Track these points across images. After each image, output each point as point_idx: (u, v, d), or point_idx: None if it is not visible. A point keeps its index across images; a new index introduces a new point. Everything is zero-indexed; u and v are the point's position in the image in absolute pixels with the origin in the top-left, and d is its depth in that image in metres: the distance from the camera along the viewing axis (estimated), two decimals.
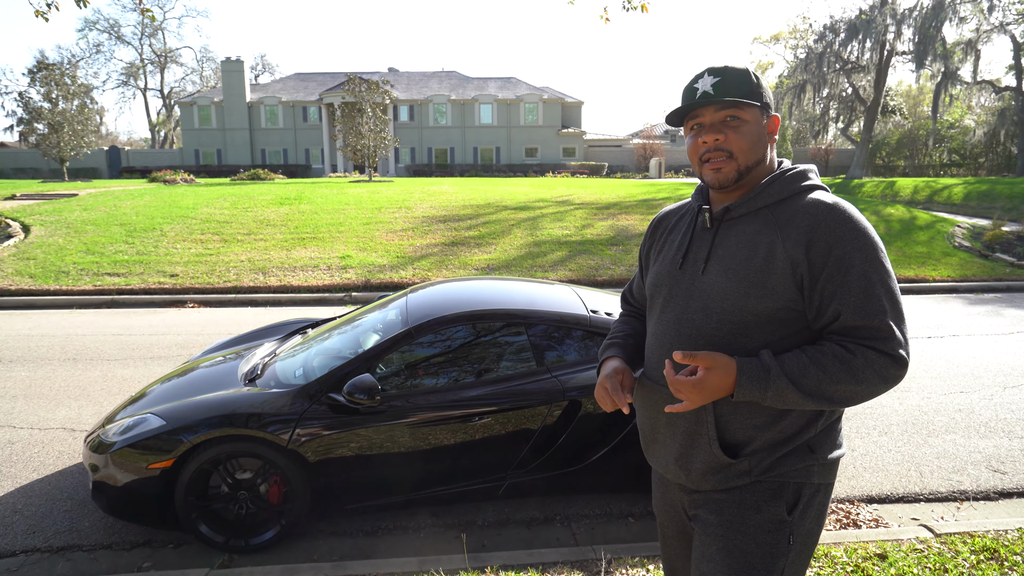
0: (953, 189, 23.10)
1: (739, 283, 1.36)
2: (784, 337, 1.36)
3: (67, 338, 7.31)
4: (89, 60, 58.88)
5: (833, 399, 1.30)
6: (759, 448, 1.39)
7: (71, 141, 28.77)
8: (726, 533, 1.41)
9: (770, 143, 1.45)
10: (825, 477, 1.43)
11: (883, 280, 1.30)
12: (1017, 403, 5.22)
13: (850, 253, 1.30)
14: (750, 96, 1.39)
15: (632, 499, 3.74)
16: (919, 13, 29.83)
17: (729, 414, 1.40)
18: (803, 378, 1.29)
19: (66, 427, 4.73)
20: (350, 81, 28.79)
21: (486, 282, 4.38)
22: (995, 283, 10.81)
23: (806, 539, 1.43)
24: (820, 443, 1.41)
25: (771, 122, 1.43)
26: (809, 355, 1.30)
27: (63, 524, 3.48)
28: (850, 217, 1.33)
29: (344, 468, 3.26)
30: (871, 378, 1.28)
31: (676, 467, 1.49)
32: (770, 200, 1.41)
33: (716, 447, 1.40)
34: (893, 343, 1.28)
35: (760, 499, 1.40)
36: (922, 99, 50.55)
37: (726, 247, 1.42)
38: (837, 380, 1.28)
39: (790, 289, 1.33)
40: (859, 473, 4.10)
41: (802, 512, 1.41)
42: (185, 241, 12.43)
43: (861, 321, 1.29)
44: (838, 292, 1.30)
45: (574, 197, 17.95)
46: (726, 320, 1.38)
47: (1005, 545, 3.06)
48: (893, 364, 1.28)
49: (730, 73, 1.40)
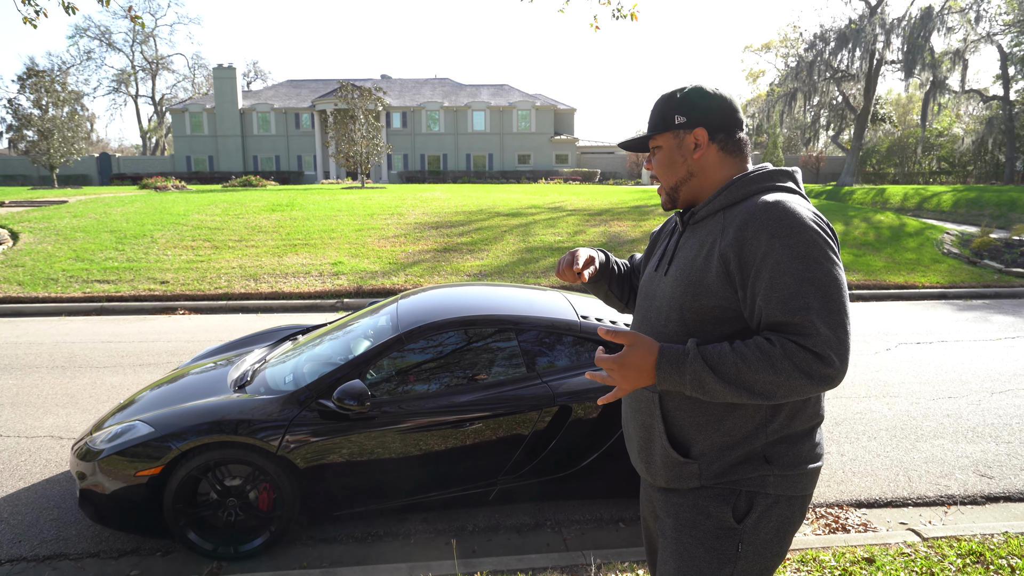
0: (942, 196, 23.32)
1: (681, 282, 1.44)
2: (725, 336, 1.38)
3: (56, 345, 7.26)
4: (80, 67, 58.47)
5: (753, 389, 1.28)
6: (707, 450, 1.42)
7: (61, 148, 28.63)
8: (678, 536, 1.46)
9: (696, 155, 1.49)
10: (786, 489, 1.41)
11: (813, 277, 1.28)
12: (1004, 408, 5.26)
13: (777, 249, 1.30)
14: (659, 127, 1.52)
15: (622, 504, 3.75)
16: (908, 23, 30.21)
17: (674, 410, 1.46)
18: (721, 364, 1.29)
19: (53, 435, 4.69)
20: (343, 88, 28.81)
21: (477, 288, 4.39)
22: (983, 289, 10.91)
23: (761, 549, 1.42)
24: (779, 454, 1.41)
25: (695, 135, 1.49)
26: (733, 345, 1.31)
27: (50, 533, 3.45)
28: (786, 214, 1.32)
29: (334, 474, 3.25)
30: (789, 369, 1.25)
31: (640, 461, 1.57)
32: (726, 203, 1.46)
33: (666, 441, 1.46)
34: (815, 339, 1.25)
35: (710, 504, 1.43)
36: (911, 107, 51.09)
37: (684, 250, 1.51)
38: (755, 369, 1.27)
39: (724, 287, 1.37)
40: (848, 478, 4.12)
41: (756, 522, 1.41)
42: (176, 248, 12.38)
43: (783, 317, 1.28)
44: (763, 288, 1.31)
45: (566, 203, 18.01)
46: (672, 318, 1.45)
47: (991, 549, 3.09)
48: (816, 360, 1.25)
49: (655, 105, 1.55)
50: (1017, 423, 4.93)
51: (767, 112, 37.07)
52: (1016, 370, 6.28)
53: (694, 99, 1.48)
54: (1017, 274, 11.76)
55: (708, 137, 1.48)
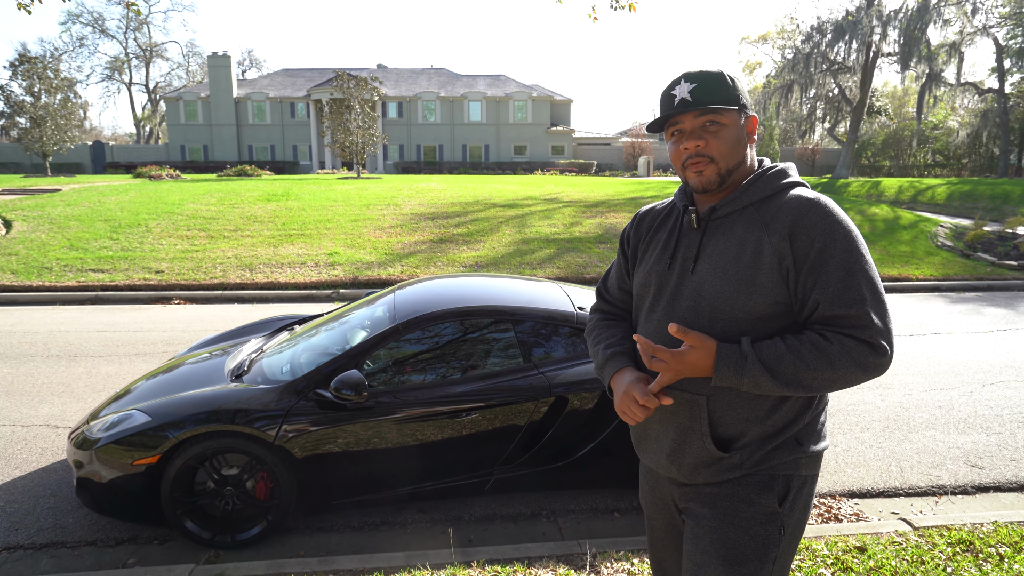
0: (936, 189, 23.39)
1: (729, 281, 1.39)
2: (773, 333, 1.39)
3: (50, 334, 7.24)
4: (72, 54, 58.12)
5: (811, 387, 1.32)
6: (750, 442, 1.43)
7: (54, 135, 28.42)
8: (719, 525, 1.45)
9: (749, 143, 1.47)
10: (811, 469, 1.47)
11: (863, 270, 1.33)
12: (995, 400, 5.31)
13: (830, 244, 1.34)
14: (727, 101, 1.41)
15: (618, 494, 3.78)
16: (904, 15, 30.16)
17: (723, 409, 1.43)
18: (779, 366, 1.32)
19: (49, 424, 4.69)
20: (338, 77, 28.64)
21: (474, 279, 4.39)
22: (976, 282, 10.97)
23: (795, 529, 1.47)
24: (807, 436, 1.45)
25: (749, 123, 1.46)
26: (787, 343, 1.33)
27: (46, 521, 3.46)
28: (831, 211, 1.37)
29: (331, 464, 3.26)
30: (847, 365, 1.30)
31: (668, 462, 1.52)
32: (754, 198, 1.44)
33: (709, 442, 1.43)
34: (871, 331, 1.30)
35: (752, 492, 1.43)
36: (907, 100, 51.11)
37: (715, 246, 1.45)
38: (813, 367, 1.30)
39: (778, 284, 1.37)
40: (841, 468, 4.16)
41: (791, 503, 1.45)
42: (171, 237, 12.32)
43: (840, 310, 1.32)
44: (819, 282, 1.33)
45: (562, 195, 17.99)
46: (718, 318, 1.40)
47: (980, 538, 3.13)
48: (871, 352, 1.30)
49: (706, 78, 1.41)
50: (1008, 414, 4.98)
51: (763, 104, 37.02)
52: (1007, 362, 6.33)
53: (742, 86, 1.47)
54: (1010, 267, 11.83)
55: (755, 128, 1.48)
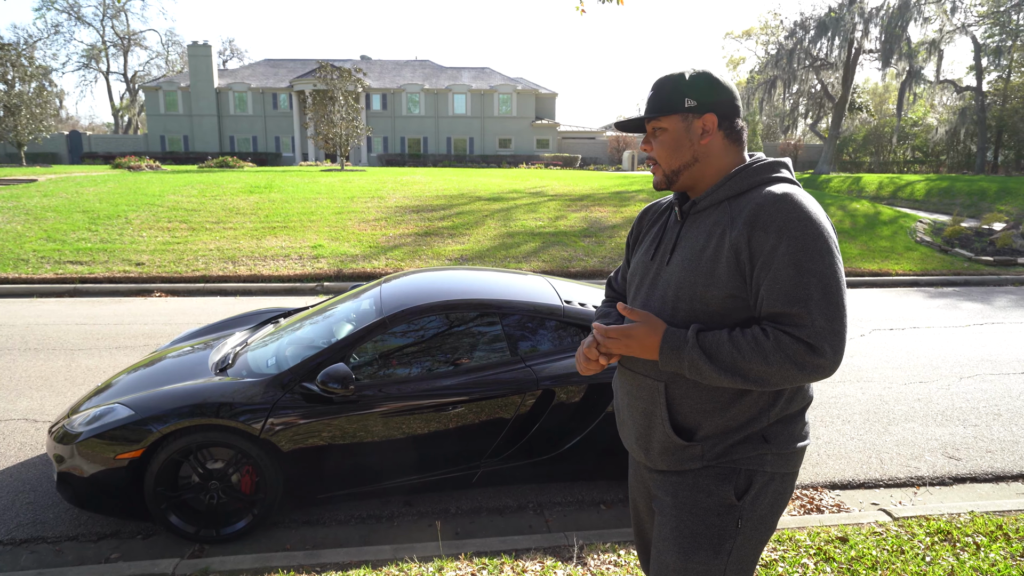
0: (916, 185, 23.72)
1: (691, 272, 1.44)
2: (733, 325, 1.41)
3: (28, 327, 7.11)
4: (47, 41, 56.89)
5: (747, 378, 1.34)
6: (710, 434, 1.46)
7: (29, 125, 27.86)
8: (678, 514, 1.49)
9: (704, 140, 1.48)
10: (781, 467, 1.47)
11: (816, 270, 1.31)
12: (972, 393, 5.42)
13: (784, 241, 1.33)
14: (667, 108, 1.48)
15: (604, 487, 3.81)
16: (886, 12, 30.47)
17: (681, 397, 1.48)
18: (718, 353, 1.35)
19: (28, 418, 4.61)
20: (322, 68, 28.30)
21: (460, 272, 4.38)
22: (954, 277, 11.16)
23: (758, 524, 1.49)
24: (776, 433, 1.46)
25: (704, 121, 1.47)
26: (731, 334, 1.36)
27: (26, 516, 3.41)
28: (795, 207, 1.35)
29: (317, 457, 3.25)
30: (781, 361, 1.30)
31: (637, 446, 1.58)
32: (731, 193, 1.46)
33: (668, 428, 1.48)
34: (809, 330, 1.29)
35: (711, 483, 1.47)
36: (888, 97, 51.68)
37: (688, 239, 1.49)
38: (748, 359, 1.32)
39: (735, 277, 1.39)
40: (822, 460, 4.22)
41: (754, 498, 1.46)
42: (151, 229, 12.15)
43: (781, 307, 1.32)
44: (767, 278, 1.34)
45: (547, 188, 17.99)
46: (680, 308, 1.46)
47: (958, 527, 3.20)
48: (808, 352, 1.29)
49: (661, 85, 1.51)
50: (984, 407, 5.09)
51: (747, 99, 37.24)
52: (983, 356, 6.46)
53: (704, 84, 1.48)
54: (986, 262, 12.05)
55: (717, 123, 1.48)
